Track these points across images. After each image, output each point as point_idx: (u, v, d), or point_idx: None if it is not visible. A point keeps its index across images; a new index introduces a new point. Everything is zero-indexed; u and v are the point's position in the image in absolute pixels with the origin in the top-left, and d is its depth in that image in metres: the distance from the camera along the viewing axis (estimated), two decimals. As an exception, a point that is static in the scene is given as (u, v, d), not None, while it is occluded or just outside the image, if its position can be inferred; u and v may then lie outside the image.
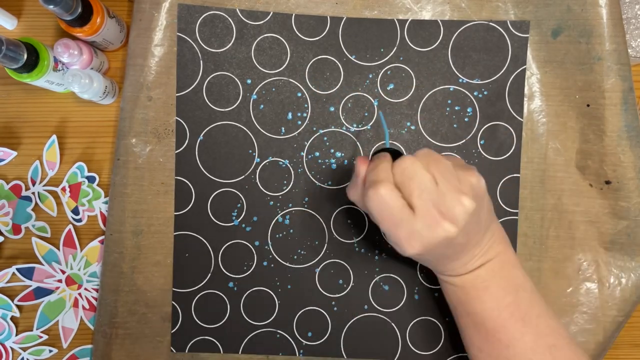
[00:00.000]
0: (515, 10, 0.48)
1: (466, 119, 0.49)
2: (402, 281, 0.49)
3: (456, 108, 0.49)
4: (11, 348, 0.49)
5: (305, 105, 0.49)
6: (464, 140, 0.49)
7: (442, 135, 0.49)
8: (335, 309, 0.49)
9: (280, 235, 0.49)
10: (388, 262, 0.49)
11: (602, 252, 0.48)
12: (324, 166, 0.49)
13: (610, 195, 0.47)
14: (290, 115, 0.49)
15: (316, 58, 0.49)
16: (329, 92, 0.49)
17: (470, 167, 0.38)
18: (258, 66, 0.49)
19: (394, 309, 0.49)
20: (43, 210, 0.49)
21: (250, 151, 0.49)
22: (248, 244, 0.49)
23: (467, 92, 0.49)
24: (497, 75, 0.49)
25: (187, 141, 0.49)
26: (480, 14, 0.48)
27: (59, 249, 0.49)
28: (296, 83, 0.49)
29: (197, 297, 0.49)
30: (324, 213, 0.49)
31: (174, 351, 0.49)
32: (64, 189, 0.49)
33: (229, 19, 0.48)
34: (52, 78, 0.45)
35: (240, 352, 0.49)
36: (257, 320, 0.49)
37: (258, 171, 0.49)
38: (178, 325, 0.49)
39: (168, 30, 0.48)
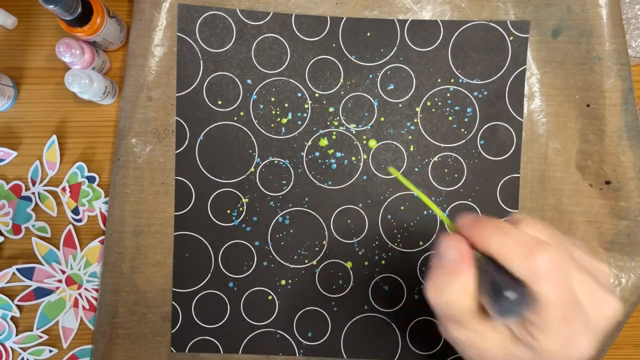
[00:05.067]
0: (515, 10, 0.48)
1: (466, 119, 0.49)
2: (402, 281, 0.49)
3: (456, 108, 0.49)
4: (11, 348, 0.49)
5: (305, 106, 0.49)
6: (464, 140, 0.49)
7: (442, 135, 0.49)
8: (335, 309, 0.49)
9: (280, 235, 0.49)
10: (388, 262, 0.49)
11: (602, 252, 0.48)
12: (324, 166, 0.49)
13: (610, 196, 0.47)
14: (290, 115, 0.49)
15: (316, 58, 0.49)
16: (329, 92, 0.49)
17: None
18: (258, 66, 0.49)
19: (394, 309, 0.49)
20: (43, 210, 0.49)
21: (250, 151, 0.49)
22: (248, 244, 0.49)
23: (467, 92, 0.49)
24: (497, 76, 0.49)
25: (187, 141, 0.49)
26: (480, 14, 0.48)
27: (59, 249, 0.49)
28: (296, 83, 0.49)
29: (197, 297, 0.49)
30: (324, 213, 0.49)
31: (174, 351, 0.49)
32: (64, 189, 0.49)
33: (229, 19, 0.48)
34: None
35: (240, 352, 0.49)
36: (257, 321, 0.49)
37: (258, 171, 0.49)
38: (178, 325, 0.49)
39: (168, 30, 0.48)
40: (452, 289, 0.27)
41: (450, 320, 0.28)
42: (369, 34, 0.49)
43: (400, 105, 0.49)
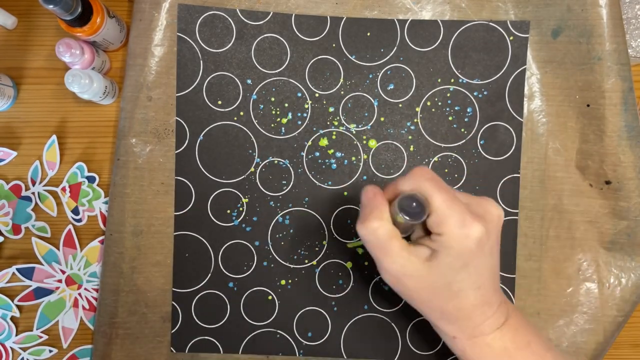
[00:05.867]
0: (515, 10, 0.48)
1: (466, 119, 0.49)
2: (402, 281, 0.49)
3: (456, 108, 0.49)
4: (11, 348, 0.49)
5: (305, 105, 0.49)
6: (464, 140, 0.49)
7: (442, 135, 0.49)
8: (335, 309, 0.49)
9: (280, 235, 0.49)
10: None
11: (602, 252, 0.48)
12: (324, 166, 0.49)
13: (610, 196, 0.47)
14: (290, 115, 0.49)
15: (316, 58, 0.49)
16: (329, 92, 0.49)
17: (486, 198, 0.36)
18: (258, 66, 0.49)
19: (394, 309, 0.49)
20: (43, 210, 0.49)
21: (250, 151, 0.49)
22: (248, 244, 0.49)
23: (467, 92, 0.49)
24: (497, 76, 0.49)
25: (187, 141, 0.49)
26: (480, 14, 0.48)
27: (59, 249, 0.49)
28: (296, 83, 0.49)
29: (197, 297, 0.49)
30: (324, 213, 0.49)
31: (174, 351, 0.49)
32: (64, 189, 0.49)
33: (229, 19, 0.48)
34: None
35: (240, 352, 0.49)
36: (257, 320, 0.49)
37: (258, 171, 0.49)
38: (178, 325, 0.49)
39: (168, 30, 0.48)
40: (372, 217, 0.33)
41: (380, 250, 0.34)
42: (369, 34, 0.49)
43: (400, 105, 0.49)
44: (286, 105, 0.49)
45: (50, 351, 0.49)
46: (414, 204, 0.32)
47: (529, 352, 0.35)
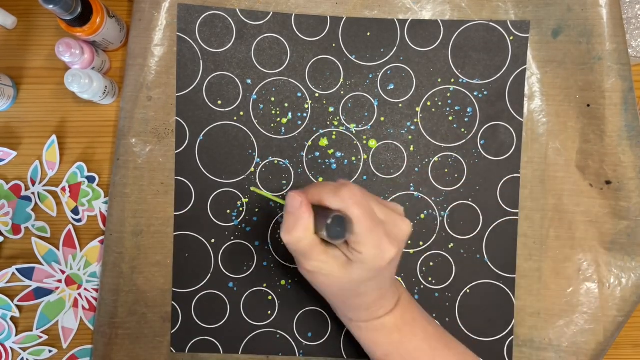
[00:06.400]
0: (515, 10, 0.48)
1: (466, 119, 0.49)
2: (402, 281, 0.49)
3: (456, 108, 0.49)
4: (11, 348, 0.49)
5: (305, 106, 0.49)
6: (464, 140, 0.49)
7: (442, 135, 0.49)
8: (335, 309, 0.49)
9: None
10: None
11: (603, 253, 0.48)
12: (324, 166, 0.49)
13: (611, 196, 0.47)
14: (290, 115, 0.49)
15: (316, 58, 0.49)
16: (329, 92, 0.49)
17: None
18: (258, 66, 0.49)
19: (394, 309, 0.49)
20: (43, 211, 0.49)
21: (250, 151, 0.49)
22: (248, 244, 0.49)
23: (467, 92, 0.49)
24: (497, 75, 0.49)
25: (187, 141, 0.49)
26: (480, 14, 0.48)
27: (58, 249, 0.49)
28: (296, 83, 0.49)
29: (197, 297, 0.49)
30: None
31: (174, 351, 0.49)
32: (63, 189, 0.49)
33: (229, 19, 0.48)
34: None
35: (240, 353, 0.49)
36: (257, 321, 0.49)
37: (258, 171, 0.49)
38: (178, 325, 0.49)
39: (168, 30, 0.48)
40: (298, 228, 0.36)
41: (301, 255, 0.37)
42: (369, 34, 0.49)
43: (400, 105, 0.49)
44: (286, 105, 0.49)
45: (50, 351, 0.49)
46: (338, 227, 0.35)
47: (415, 326, 0.41)
